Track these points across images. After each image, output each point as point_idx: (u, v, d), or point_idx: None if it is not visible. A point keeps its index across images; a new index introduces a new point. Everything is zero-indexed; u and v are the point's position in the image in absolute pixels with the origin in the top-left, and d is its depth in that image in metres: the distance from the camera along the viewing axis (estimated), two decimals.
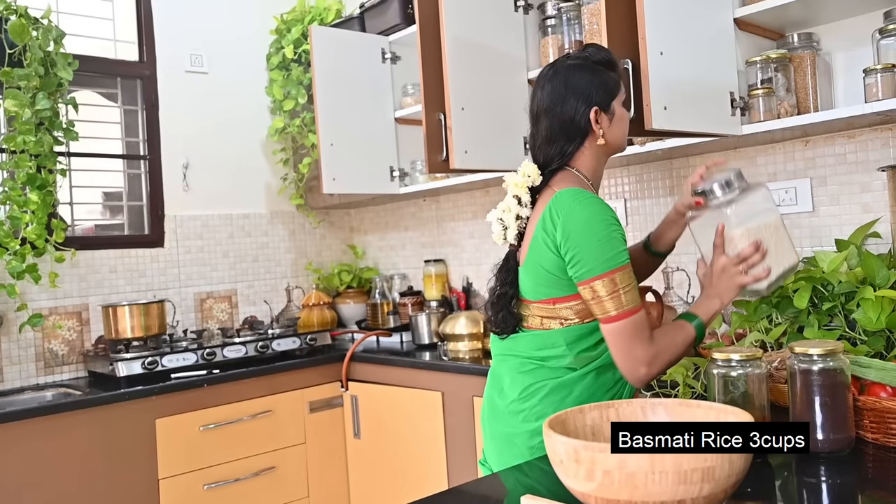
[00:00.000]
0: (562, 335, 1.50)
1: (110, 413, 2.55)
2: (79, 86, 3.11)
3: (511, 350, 1.58)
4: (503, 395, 1.58)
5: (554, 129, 1.55)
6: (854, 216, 2.17)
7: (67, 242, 2.90)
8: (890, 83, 1.85)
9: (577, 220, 1.43)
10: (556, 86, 1.56)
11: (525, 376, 1.54)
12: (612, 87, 1.57)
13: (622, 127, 1.60)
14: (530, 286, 1.54)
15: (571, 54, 1.62)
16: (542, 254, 1.49)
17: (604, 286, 1.40)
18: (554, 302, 1.50)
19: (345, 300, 3.69)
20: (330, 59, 3.00)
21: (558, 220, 1.44)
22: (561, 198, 1.46)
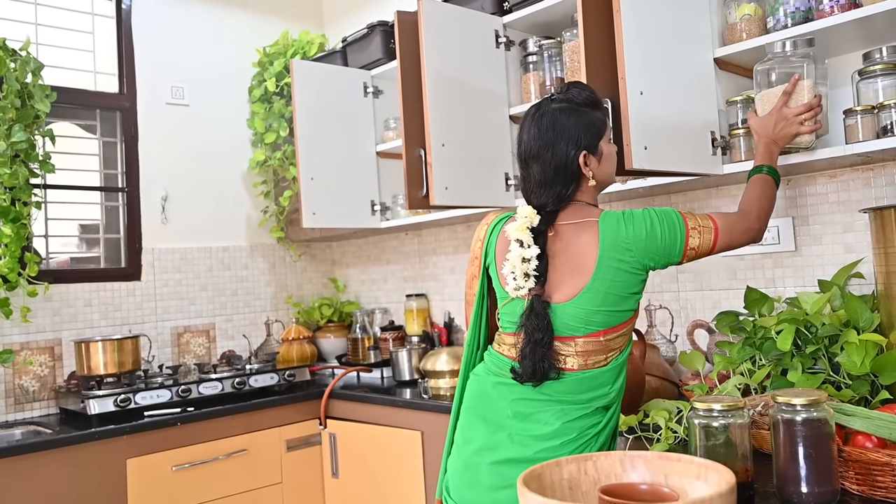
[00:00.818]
0: (609, 374, 1.54)
1: (80, 453, 2.47)
2: (57, 117, 3.08)
3: (545, 396, 1.54)
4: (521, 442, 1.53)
5: (548, 174, 1.57)
6: (837, 256, 2.16)
7: (41, 276, 2.84)
8: (870, 125, 1.85)
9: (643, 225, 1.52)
10: (543, 130, 1.57)
11: (572, 424, 1.51)
12: (598, 127, 1.60)
13: (611, 164, 1.64)
14: (582, 319, 1.51)
15: (556, 96, 1.62)
16: (614, 277, 1.50)
17: (694, 239, 1.54)
18: (605, 333, 1.52)
19: (325, 334, 3.64)
20: (311, 93, 2.99)
21: (628, 236, 1.50)
22: (610, 220, 1.53)
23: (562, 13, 2.48)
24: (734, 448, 1.25)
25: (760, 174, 1.75)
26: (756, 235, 1.66)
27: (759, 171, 1.76)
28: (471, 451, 1.60)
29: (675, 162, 1.93)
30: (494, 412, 1.58)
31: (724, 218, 1.61)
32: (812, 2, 1.96)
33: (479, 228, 1.74)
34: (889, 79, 1.90)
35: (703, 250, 1.56)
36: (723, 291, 2.40)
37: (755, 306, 2.03)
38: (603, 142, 1.60)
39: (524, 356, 1.53)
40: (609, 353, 1.53)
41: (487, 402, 1.60)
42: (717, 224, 1.58)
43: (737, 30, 2.07)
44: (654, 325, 2.50)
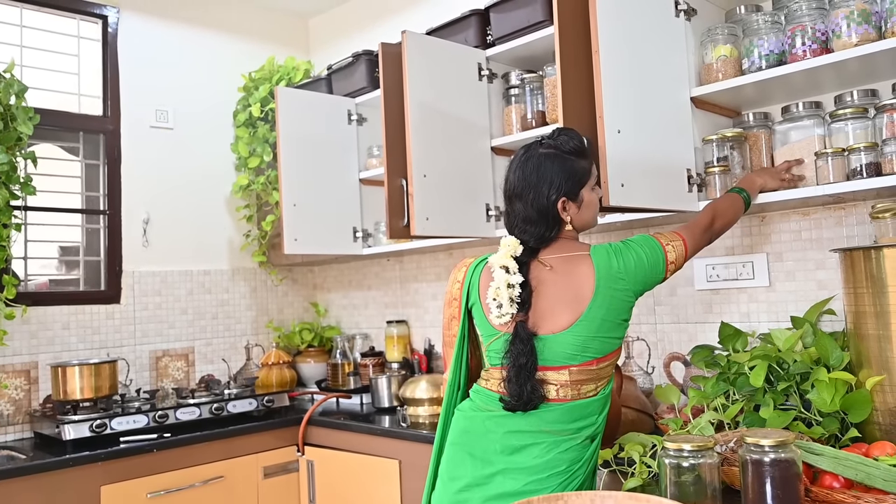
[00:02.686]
0: (598, 403, 1.60)
1: (54, 479, 2.44)
2: (40, 139, 3.08)
3: (535, 427, 1.56)
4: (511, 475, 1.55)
5: (531, 214, 1.64)
6: (809, 292, 2.20)
7: (19, 298, 2.83)
8: (840, 166, 1.90)
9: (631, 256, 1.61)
10: (527, 172, 1.64)
11: (563, 455, 1.55)
12: (580, 175, 1.66)
13: (591, 211, 1.70)
14: (578, 348, 1.56)
15: (545, 141, 1.69)
16: (609, 305, 1.56)
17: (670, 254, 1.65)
18: (598, 361, 1.57)
19: (305, 359, 3.63)
20: (295, 120, 3.01)
21: (619, 267, 1.59)
22: (601, 253, 1.62)
23: (543, 48, 2.53)
24: (704, 486, 1.27)
25: (735, 193, 1.89)
26: (709, 242, 1.80)
27: (738, 191, 1.90)
28: (458, 487, 1.61)
29: (651, 199, 1.96)
30: (482, 448, 1.60)
31: (687, 230, 1.74)
32: (786, 45, 2.02)
33: (457, 271, 1.78)
34: (859, 122, 1.95)
35: (679, 262, 1.67)
36: (699, 325, 2.44)
37: (729, 342, 2.06)
38: (585, 189, 1.67)
39: (510, 381, 1.56)
40: (599, 381, 1.60)
41: (475, 438, 1.62)
42: (683, 236, 1.70)
43: (713, 70, 2.12)
44: (632, 357, 2.53)
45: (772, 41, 2.03)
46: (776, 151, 2.11)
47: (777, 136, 2.12)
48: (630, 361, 2.52)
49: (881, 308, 1.63)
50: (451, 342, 1.76)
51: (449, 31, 2.70)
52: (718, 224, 1.81)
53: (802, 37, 1.96)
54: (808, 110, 2.06)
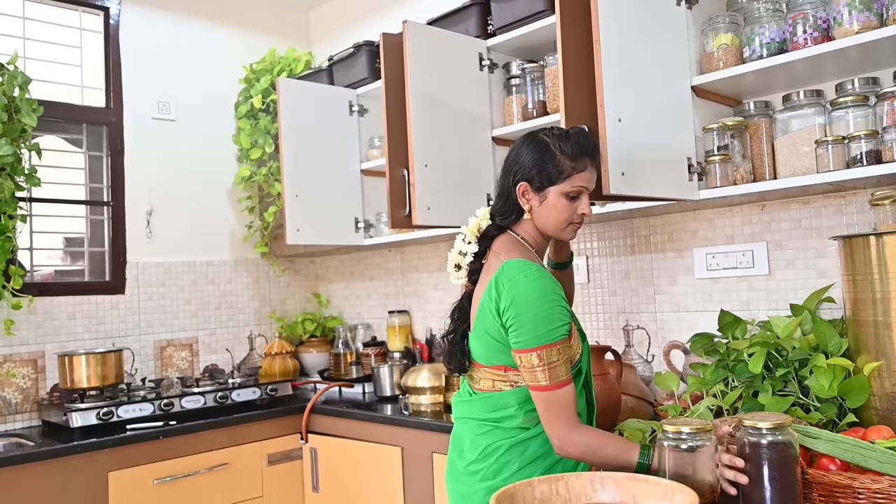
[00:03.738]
0: (513, 396, 1.56)
1: (62, 466, 2.47)
2: (44, 131, 3.09)
3: (468, 413, 1.64)
4: (462, 456, 1.64)
5: (502, 191, 1.67)
6: (809, 280, 2.21)
7: (25, 289, 2.85)
8: (840, 154, 1.91)
9: (520, 292, 1.47)
10: (513, 150, 1.67)
11: (482, 438, 1.59)
12: (554, 172, 1.59)
13: (554, 215, 1.61)
14: (482, 351, 1.59)
15: (551, 129, 1.67)
16: (488, 321, 1.54)
17: (538, 358, 1.45)
18: (505, 369, 1.56)
19: (308, 349, 3.65)
20: (297, 111, 3.02)
21: (503, 290, 1.50)
22: (507, 268, 1.52)
23: (545, 37, 2.54)
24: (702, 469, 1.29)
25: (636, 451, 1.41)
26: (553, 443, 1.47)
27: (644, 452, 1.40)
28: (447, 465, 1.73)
29: (651, 187, 1.98)
30: (454, 430, 1.71)
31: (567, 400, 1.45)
32: (787, 33, 2.02)
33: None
34: (860, 110, 1.96)
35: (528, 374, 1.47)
36: (699, 313, 2.45)
37: (728, 329, 2.08)
38: (556, 189, 1.58)
39: (445, 342, 1.67)
40: (516, 383, 1.55)
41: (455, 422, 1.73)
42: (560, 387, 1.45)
43: (714, 59, 2.13)
44: (632, 346, 2.55)
45: (773, 29, 2.04)
46: (777, 140, 2.12)
47: (778, 124, 2.13)
48: (630, 350, 2.54)
49: (880, 295, 1.64)
50: None
51: (450, 22, 2.71)
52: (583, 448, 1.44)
53: (803, 24, 1.97)
54: (809, 99, 2.07)
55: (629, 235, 2.65)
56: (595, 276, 2.74)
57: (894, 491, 1.22)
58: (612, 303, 2.68)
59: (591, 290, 2.74)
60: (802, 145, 2.04)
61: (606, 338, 2.68)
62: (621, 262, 2.66)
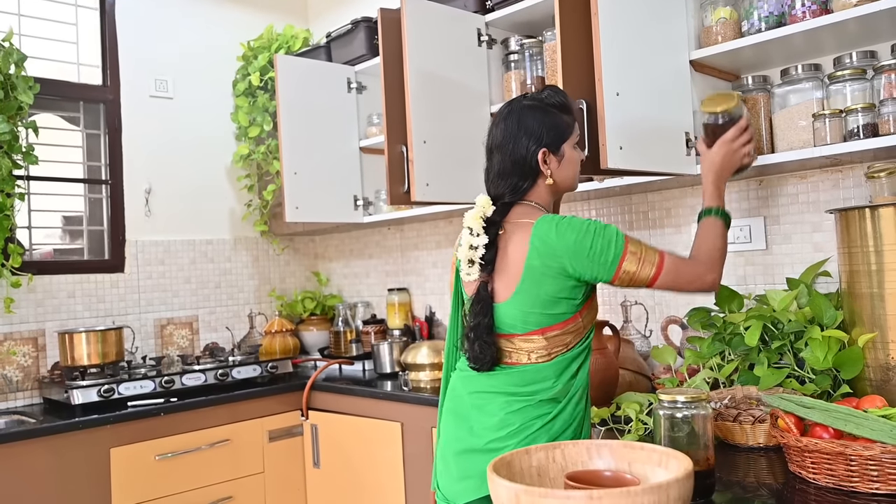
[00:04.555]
0: (552, 368, 1.55)
1: (64, 442, 2.49)
2: (40, 109, 3.09)
3: (493, 388, 1.58)
4: (476, 433, 1.58)
5: (506, 165, 1.62)
6: (806, 255, 2.22)
7: (24, 267, 2.86)
8: (837, 128, 1.91)
9: (573, 233, 1.50)
10: (509, 124, 1.63)
11: (516, 415, 1.54)
12: (563, 129, 1.63)
13: (572, 168, 1.66)
14: (519, 318, 1.55)
15: (528, 95, 1.69)
16: (542, 281, 1.52)
17: (630, 263, 1.51)
18: (544, 332, 1.54)
19: (308, 327, 3.67)
20: (295, 88, 3.02)
21: (555, 239, 1.50)
22: (543, 223, 1.53)
23: (543, 13, 2.53)
24: (697, 438, 1.31)
25: (710, 217, 1.69)
26: (708, 286, 1.61)
27: (710, 213, 1.70)
28: (443, 442, 1.67)
29: (649, 162, 1.98)
30: (461, 405, 1.63)
31: (675, 260, 1.56)
32: (785, 7, 2.02)
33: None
34: (857, 83, 1.96)
35: (639, 279, 1.53)
36: None
37: (726, 303, 2.09)
38: (567, 145, 1.63)
39: (467, 339, 1.58)
40: (553, 349, 1.55)
41: (456, 397, 1.66)
42: (663, 261, 1.54)
43: (712, 33, 2.13)
44: (630, 321, 2.56)
45: (771, 3, 2.03)
46: (774, 115, 2.12)
47: (776, 99, 2.13)
48: (628, 325, 2.56)
49: (875, 267, 1.65)
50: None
51: None
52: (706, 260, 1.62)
53: None
54: (807, 73, 2.06)
55: (627, 212, 2.65)
56: None
57: (886, 457, 1.24)
58: None
59: None
60: (800, 119, 2.04)
61: (605, 314, 2.69)
62: None
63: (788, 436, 1.38)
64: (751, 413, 1.64)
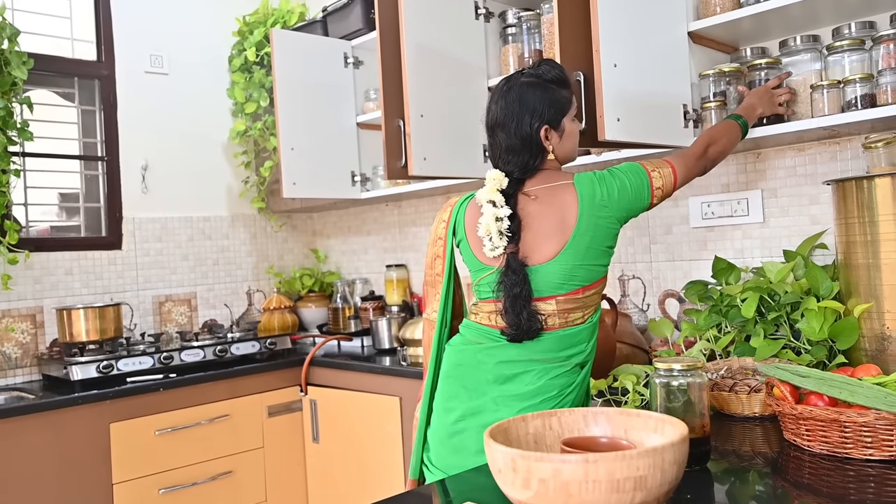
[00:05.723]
0: (587, 330, 1.62)
1: (63, 417, 2.51)
2: (34, 85, 3.07)
3: (527, 356, 1.59)
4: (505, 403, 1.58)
5: (514, 142, 1.63)
6: (803, 227, 2.22)
7: (21, 244, 2.86)
8: (835, 99, 1.91)
9: (615, 182, 1.62)
10: (510, 102, 1.64)
11: (554, 381, 1.59)
12: (562, 104, 1.65)
13: (571, 141, 1.70)
14: (565, 276, 1.58)
15: (525, 70, 1.69)
16: (594, 233, 1.58)
17: (657, 180, 1.65)
18: (584, 290, 1.60)
19: (306, 304, 3.68)
20: (291, 63, 3.00)
21: (598, 188, 1.60)
22: (585, 180, 1.63)
23: None
24: (693, 406, 1.32)
25: (733, 120, 1.90)
26: (705, 169, 1.81)
27: (736, 118, 1.91)
28: (454, 418, 1.64)
29: (647, 134, 1.97)
30: (474, 379, 1.63)
31: (677, 158, 1.74)
32: None
33: (443, 212, 1.78)
34: (856, 54, 1.95)
35: (667, 188, 1.68)
36: (693, 262, 2.47)
37: (722, 275, 2.10)
38: (566, 119, 1.66)
39: (507, 312, 1.57)
40: (587, 309, 1.62)
41: (467, 371, 1.65)
42: (672, 164, 1.70)
43: (711, 4, 2.11)
44: (627, 295, 2.57)
45: None
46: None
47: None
48: (625, 299, 2.56)
49: (871, 237, 1.65)
50: (433, 281, 1.78)
51: None
52: (713, 150, 1.81)
53: None
54: (806, 44, 2.05)
55: None
56: None
57: (880, 424, 1.25)
58: None
59: None
60: (799, 91, 2.03)
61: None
62: None
63: (784, 404, 1.39)
64: (746, 383, 1.65)
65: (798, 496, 1.20)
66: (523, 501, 0.98)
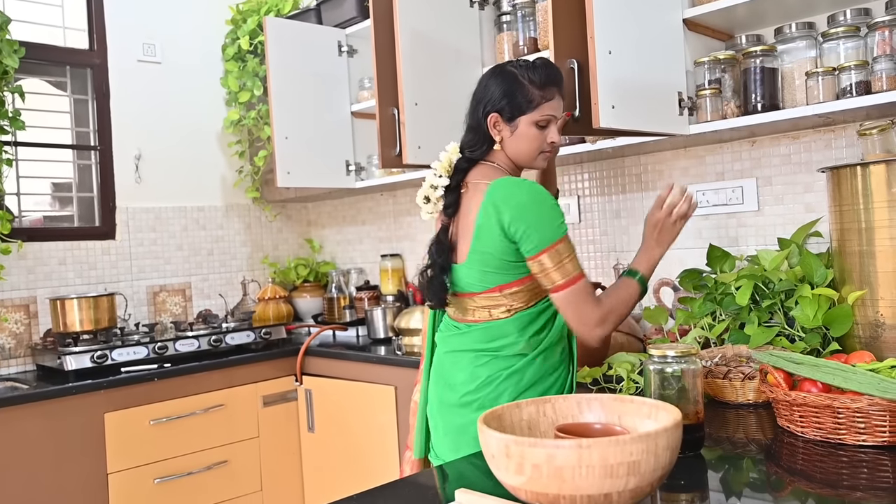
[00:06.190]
0: (513, 324, 1.58)
1: (58, 407, 2.50)
2: (26, 73, 3.04)
3: (462, 346, 1.63)
4: (453, 388, 1.63)
5: (471, 122, 1.66)
6: (797, 215, 2.22)
7: (14, 234, 2.84)
8: (830, 86, 1.90)
9: (521, 200, 1.51)
10: (482, 82, 1.67)
11: (481, 369, 1.59)
12: (524, 101, 1.60)
13: (526, 144, 1.63)
14: (476, 277, 1.58)
15: (515, 61, 1.69)
16: (488, 239, 1.54)
17: (550, 258, 1.49)
18: (501, 289, 1.57)
19: (301, 294, 3.67)
20: (285, 52, 2.98)
21: (502, 204, 1.51)
22: (499, 185, 1.54)
23: None
24: (687, 392, 1.32)
25: (632, 280, 1.62)
26: (593, 339, 1.53)
27: (633, 275, 1.63)
28: (431, 399, 1.71)
29: (641, 121, 1.96)
30: (442, 364, 1.69)
31: (586, 291, 1.51)
32: None
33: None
34: (851, 41, 1.95)
35: (545, 278, 1.51)
36: (688, 251, 2.46)
37: (717, 263, 2.10)
38: (524, 118, 1.60)
39: (422, 276, 1.65)
40: (513, 305, 1.58)
41: (437, 357, 1.71)
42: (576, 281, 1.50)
43: None
44: None
45: None
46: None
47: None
48: None
49: (866, 224, 1.65)
50: None
51: None
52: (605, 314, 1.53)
53: None
54: (801, 31, 2.05)
55: (620, 174, 2.64)
56: (586, 216, 2.74)
57: (873, 410, 1.25)
58: (604, 242, 2.69)
59: (582, 230, 2.75)
60: (794, 78, 2.02)
61: (597, 277, 2.69)
62: (612, 201, 2.67)
63: (777, 391, 1.39)
64: (741, 370, 1.65)
65: (792, 482, 1.20)
66: (517, 487, 0.98)
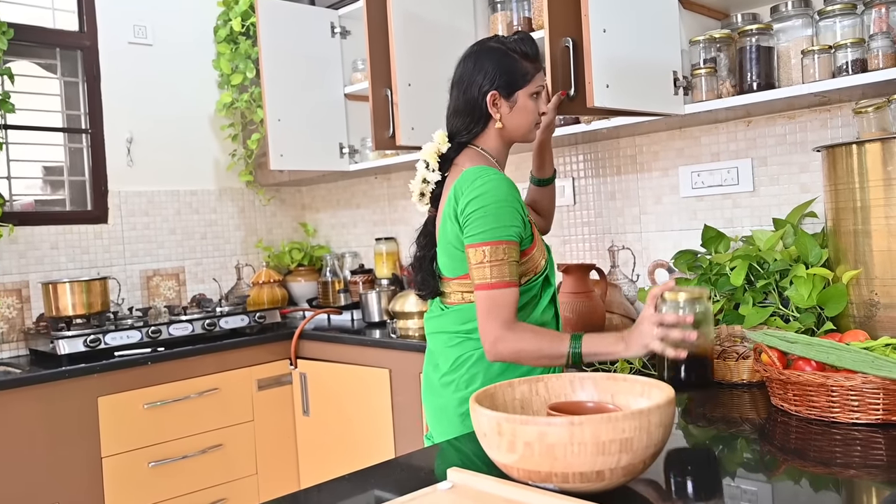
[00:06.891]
0: None
1: (51, 391, 2.49)
2: (15, 56, 3.01)
3: (440, 328, 1.64)
4: (437, 369, 1.65)
5: (460, 103, 1.63)
6: (793, 196, 2.21)
7: (5, 218, 2.82)
8: (826, 64, 1.89)
9: (475, 191, 1.48)
10: (468, 64, 1.63)
11: (453, 350, 1.60)
12: (519, 75, 1.60)
13: (524, 118, 1.62)
14: (447, 263, 1.59)
15: (496, 37, 1.68)
16: (448, 228, 1.54)
17: (483, 253, 1.46)
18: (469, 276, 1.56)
19: (296, 278, 3.66)
20: (278, 33, 2.95)
21: (461, 194, 1.50)
22: (467, 174, 1.52)
23: None
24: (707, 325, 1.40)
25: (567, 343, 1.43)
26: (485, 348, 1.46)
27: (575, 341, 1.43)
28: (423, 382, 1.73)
29: (636, 101, 1.94)
30: (428, 346, 1.71)
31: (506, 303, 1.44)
32: None
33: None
34: (847, 19, 1.93)
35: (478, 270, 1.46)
36: (683, 232, 2.46)
37: (712, 244, 2.09)
38: (522, 92, 1.60)
39: (412, 268, 1.66)
40: None
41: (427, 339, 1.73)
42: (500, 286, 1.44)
43: None
44: (617, 266, 2.56)
45: None
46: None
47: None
48: (615, 270, 2.55)
49: (861, 203, 1.64)
50: None
51: None
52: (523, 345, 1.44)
53: None
54: (797, 9, 2.03)
55: (615, 156, 2.63)
56: (581, 198, 2.73)
57: (867, 387, 1.25)
58: (598, 224, 2.68)
59: (576, 212, 2.74)
60: (790, 57, 2.01)
61: (592, 259, 2.69)
62: (607, 182, 2.65)
63: (771, 369, 1.39)
64: (735, 350, 1.64)
65: (786, 460, 1.20)
66: (509, 465, 0.98)
